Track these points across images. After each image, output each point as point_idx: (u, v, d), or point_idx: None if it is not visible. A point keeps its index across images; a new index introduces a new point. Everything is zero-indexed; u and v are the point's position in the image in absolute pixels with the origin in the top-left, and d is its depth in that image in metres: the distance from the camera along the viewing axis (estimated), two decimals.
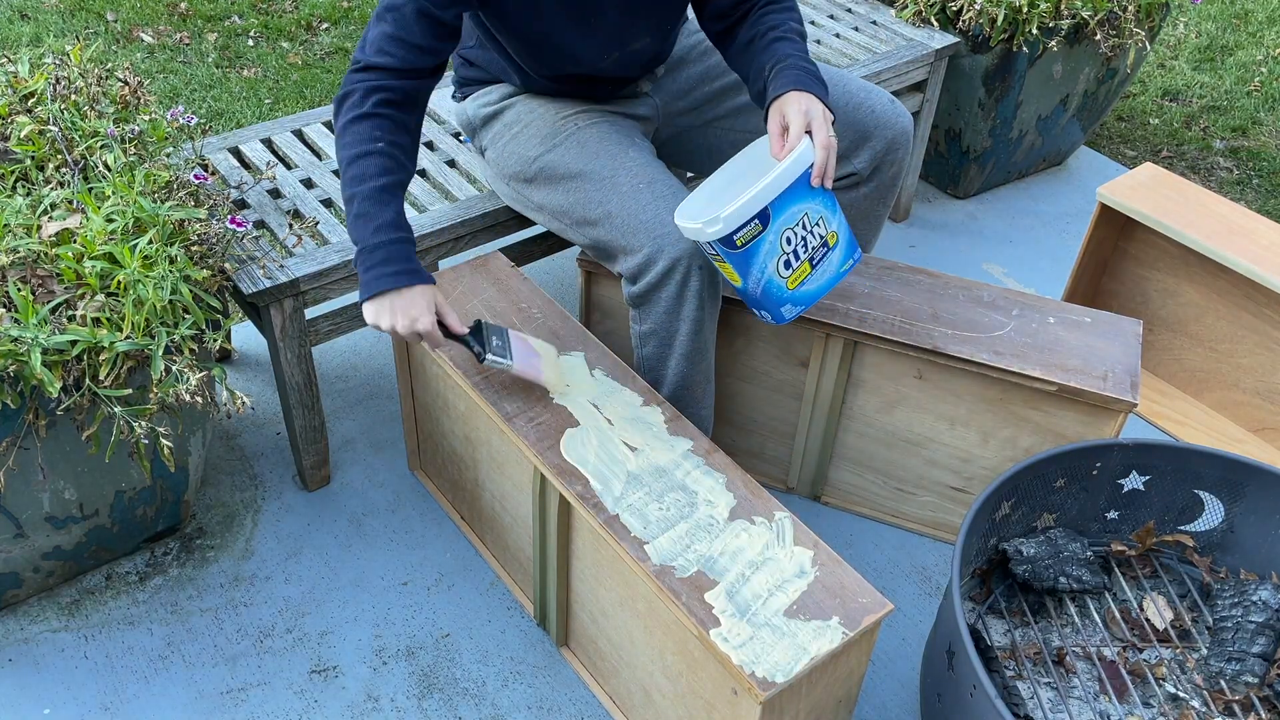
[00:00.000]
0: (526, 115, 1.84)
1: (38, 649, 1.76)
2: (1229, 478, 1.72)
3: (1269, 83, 3.54)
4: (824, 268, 1.60)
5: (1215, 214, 2.18)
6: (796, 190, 1.53)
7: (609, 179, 1.72)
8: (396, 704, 1.72)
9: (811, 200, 1.56)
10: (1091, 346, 1.81)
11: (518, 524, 1.77)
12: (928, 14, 2.60)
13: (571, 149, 1.77)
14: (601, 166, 1.73)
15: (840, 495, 2.06)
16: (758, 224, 1.52)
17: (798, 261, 1.58)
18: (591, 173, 1.74)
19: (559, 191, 1.78)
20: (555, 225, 1.83)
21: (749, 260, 1.55)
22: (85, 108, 1.77)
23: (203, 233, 1.66)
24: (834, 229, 1.59)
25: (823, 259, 1.60)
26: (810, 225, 1.56)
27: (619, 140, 1.77)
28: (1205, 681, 1.64)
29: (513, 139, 1.84)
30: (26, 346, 1.43)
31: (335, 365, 2.32)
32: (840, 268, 1.62)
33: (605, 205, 1.71)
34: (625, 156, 1.74)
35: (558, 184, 1.78)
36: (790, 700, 1.36)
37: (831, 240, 1.60)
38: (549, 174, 1.79)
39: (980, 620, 1.74)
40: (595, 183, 1.73)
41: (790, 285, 1.59)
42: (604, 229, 1.71)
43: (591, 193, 1.73)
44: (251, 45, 3.40)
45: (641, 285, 1.68)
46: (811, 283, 1.60)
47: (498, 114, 1.88)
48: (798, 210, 1.54)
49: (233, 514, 1.99)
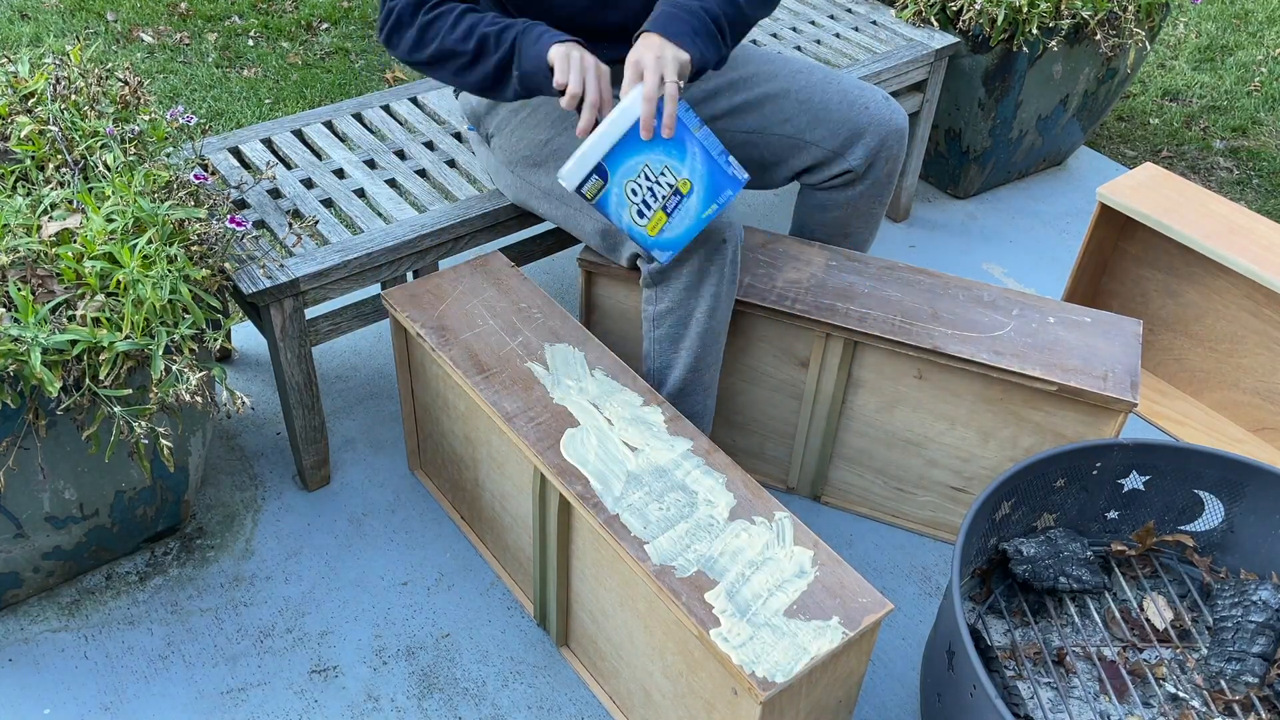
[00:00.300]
0: (534, 100, 1.84)
1: (38, 649, 1.76)
2: (1229, 478, 1.72)
3: (1269, 83, 3.54)
4: (682, 214, 1.61)
5: (1215, 214, 2.18)
6: (629, 143, 1.54)
7: None
8: (396, 704, 1.72)
9: (650, 151, 1.56)
10: (1091, 346, 1.81)
11: (518, 524, 1.77)
12: (928, 14, 2.60)
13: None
14: None
15: (840, 495, 2.06)
16: (598, 179, 1.55)
17: (650, 211, 1.60)
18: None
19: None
20: (563, 212, 1.82)
21: (605, 210, 1.59)
22: (85, 108, 1.77)
23: (203, 233, 1.66)
24: (685, 176, 1.59)
25: (678, 206, 1.61)
26: (655, 176, 1.58)
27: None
28: (1205, 681, 1.64)
29: (521, 123, 1.84)
30: (26, 346, 1.43)
31: (335, 365, 2.32)
32: (701, 213, 1.63)
33: None
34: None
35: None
36: (790, 700, 1.36)
37: (684, 188, 1.60)
38: (560, 156, 1.79)
39: (980, 620, 1.74)
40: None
41: (651, 232, 1.62)
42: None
43: None
44: (251, 45, 3.40)
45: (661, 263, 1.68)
46: (672, 230, 1.62)
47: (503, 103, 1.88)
48: (635, 163, 1.56)
49: (233, 514, 1.99)
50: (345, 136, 2.15)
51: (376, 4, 3.68)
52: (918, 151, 2.69)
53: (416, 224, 1.89)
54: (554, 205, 1.83)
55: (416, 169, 2.08)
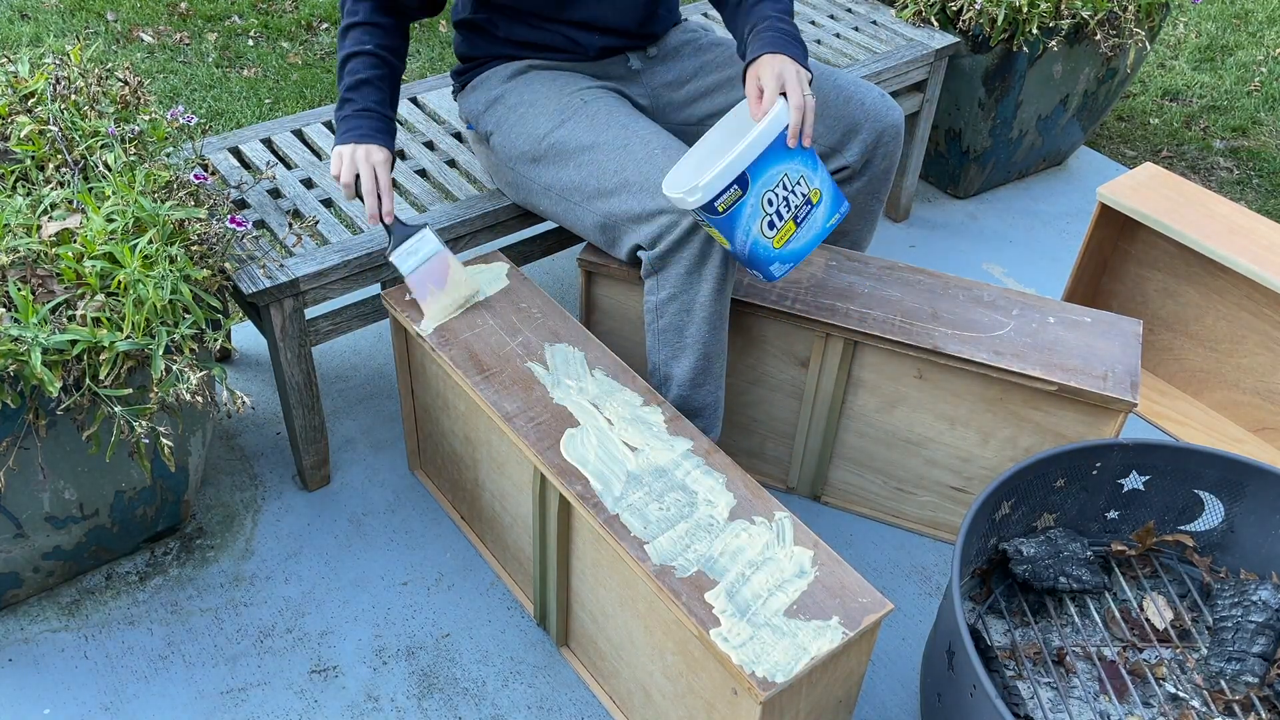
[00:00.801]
0: (531, 95, 1.85)
1: (38, 649, 1.76)
2: (1229, 478, 1.72)
3: (1269, 83, 3.54)
4: (809, 225, 1.63)
5: (1215, 214, 2.18)
6: (774, 152, 1.56)
7: (622, 147, 1.73)
8: (396, 704, 1.72)
9: (790, 160, 1.58)
10: (1091, 346, 1.81)
11: (518, 524, 1.77)
12: (928, 14, 2.60)
13: (582, 122, 1.79)
14: (614, 136, 1.75)
15: (840, 495, 2.06)
16: (737, 189, 1.54)
17: (781, 221, 1.60)
18: (604, 143, 1.75)
19: (570, 167, 1.79)
20: (562, 207, 1.83)
21: (733, 224, 1.57)
22: (85, 108, 1.77)
23: (203, 233, 1.66)
24: (816, 186, 1.61)
25: (807, 216, 1.62)
26: (791, 185, 1.59)
27: (627, 111, 1.80)
28: (1205, 681, 1.64)
29: (520, 119, 1.85)
30: (26, 346, 1.43)
31: (335, 365, 2.32)
32: (826, 222, 1.64)
33: (622, 173, 1.72)
34: (636, 125, 1.76)
35: (569, 159, 1.79)
36: (790, 700, 1.36)
37: (815, 197, 1.62)
38: (560, 149, 1.80)
39: (980, 620, 1.74)
40: (609, 152, 1.74)
41: (776, 244, 1.61)
42: (621, 198, 1.72)
43: (605, 163, 1.74)
44: (251, 45, 3.40)
45: (663, 246, 1.68)
46: (797, 240, 1.63)
47: (501, 97, 1.89)
48: (776, 172, 1.57)
49: (233, 514, 1.99)
50: None
51: None
52: (918, 151, 2.69)
53: (416, 224, 1.89)
54: (554, 201, 1.83)
55: (416, 169, 2.08)
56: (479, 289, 1.79)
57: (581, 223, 1.80)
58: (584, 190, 1.77)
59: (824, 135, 1.91)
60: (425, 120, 2.20)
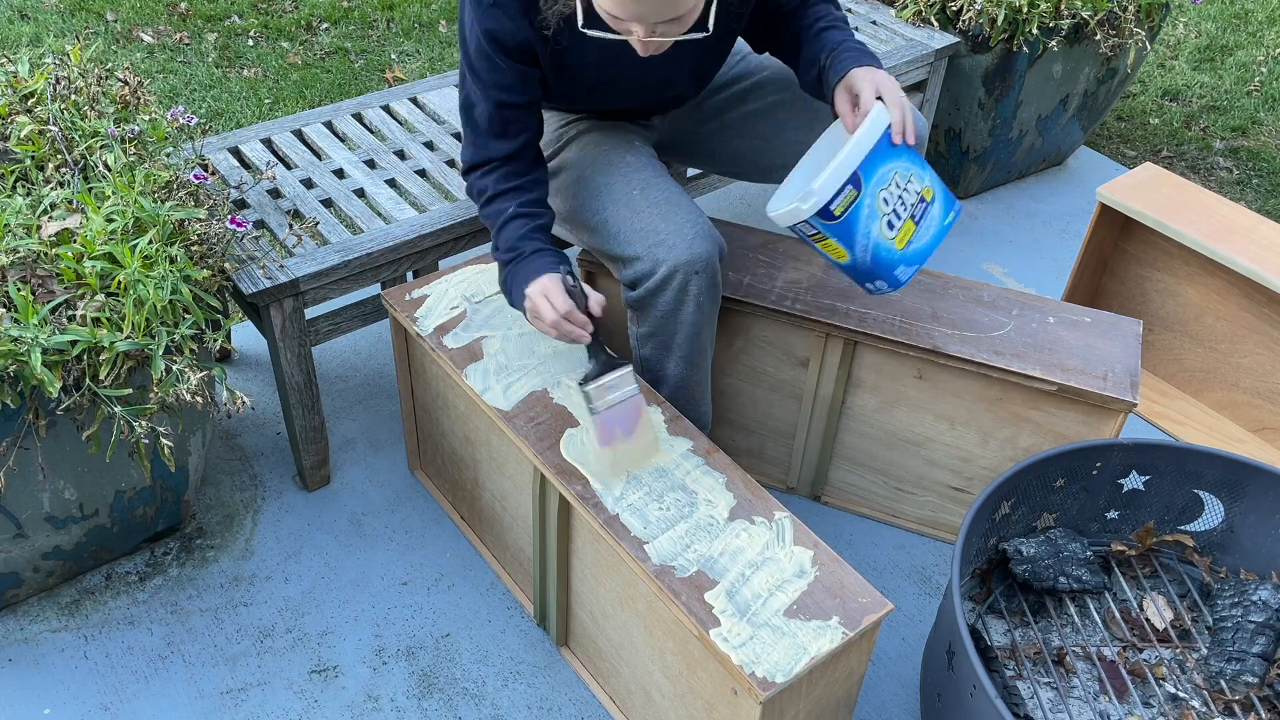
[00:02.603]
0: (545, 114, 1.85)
1: (38, 649, 1.76)
2: (1229, 478, 1.72)
3: (1269, 83, 3.54)
4: (927, 223, 1.58)
5: (1215, 214, 2.18)
6: (881, 151, 1.52)
7: (604, 186, 1.72)
8: (396, 704, 1.72)
9: (899, 158, 1.55)
10: (1091, 346, 1.81)
11: (518, 524, 1.77)
12: (928, 14, 2.60)
13: (571, 154, 1.78)
14: (597, 174, 1.74)
15: (840, 495, 2.06)
16: (852, 189, 1.50)
17: (900, 221, 1.56)
18: (587, 180, 1.74)
19: (559, 198, 1.79)
20: (559, 230, 1.85)
21: (852, 228, 1.53)
22: (85, 108, 1.77)
23: (203, 233, 1.66)
24: (927, 184, 1.58)
25: (924, 214, 1.58)
26: (904, 183, 1.55)
27: (616, 146, 1.77)
28: (1205, 681, 1.64)
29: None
30: (26, 346, 1.43)
31: (335, 365, 2.32)
32: (944, 221, 1.60)
33: (601, 214, 1.71)
34: (622, 162, 1.74)
35: (558, 191, 1.79)
36: (790, 700, 1.36)
37: (928, 195, 1.58)
38: (551, 174, 1.80)
39: (980, 620, 1.74)
40: (591, 190, 1.73)
41: (899, 245, 1.56)
42: (600, 237, 1.72)
43: (588, 200, 1.73)
44: (251, 45, 3.40)
45: (640, 292, 1.68)
46: (919, 240, 1.58)
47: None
48: (888, 170, 1.53)
49: (233, 514, 1.99)
50: (345, 136, 2.15)
51: (375, 4, 3.68)
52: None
53: (416, 224, 1.89)
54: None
55: (416, 169, 2.08)
56: (659, 448, 1.59)
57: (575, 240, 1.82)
58: (572, 220, 1.78)
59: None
60: (425, 120, 2.21)
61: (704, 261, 1.63)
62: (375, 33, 3.54)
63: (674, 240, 1.63)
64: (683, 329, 1.69)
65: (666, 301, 1.67)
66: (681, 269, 1.63)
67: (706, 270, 1.64)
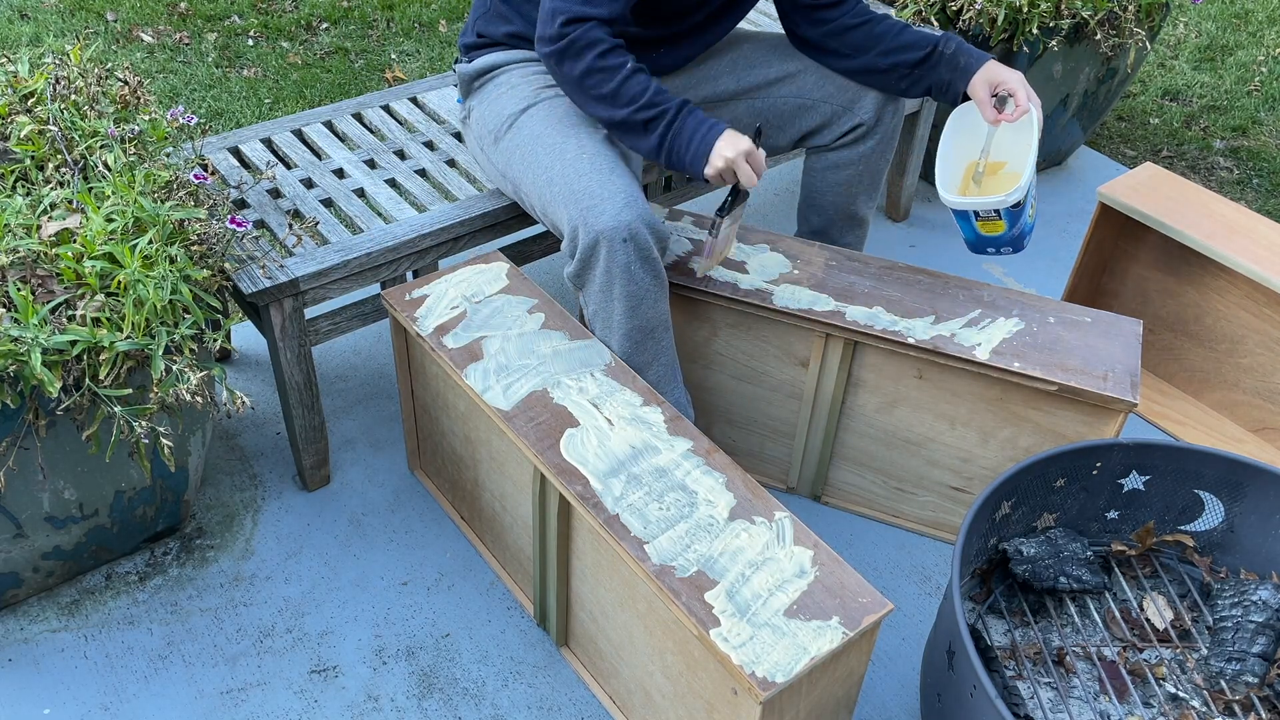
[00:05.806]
0: (517, 79, 1.87)
1: (38, 649, 1.76)
2: (1229, 478, 1.72)
3: (1269, 83, 3.54)
4: (1030, 200, 1.86)
5: (1215, 214, 2.18)
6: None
7: (558, 145, 1.74)
8: (396, 704, 1.72)
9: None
10: (1091, 346, 1.81)
11: (518, 524, 1.77)
12: (928, 14, 2.60)
13: (540, 111, 1.80)
14: (555, 133, 1.76)
15: (840, 495, 2.06)
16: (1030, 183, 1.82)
17: (1030, 199, 1.85)
18: (544, 136, 1.77)
19: (517, 156, 1.80)
20: (520, 199, 1.86)
21: (1022, 211, 1.81)
22: (85, 108, 1.77)
23: (203, 233, 1.66)
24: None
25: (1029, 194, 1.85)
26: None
27: (582, 118, 1.80)
28: (1205, 681, 1.64)
29: (497, 97, 1.87)
30: (26, 346, 1.43)
31: (335, 365, 2.32)
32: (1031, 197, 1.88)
33: (548, 171, 1.73)
34: (581, 129, 1.77)
35: (517, 148, 1.81)
36: (790, 700, 1.36)
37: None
38: (515, 134, 1.81)
39: (980, 620, 1.74)
40: (545, 148, 1.76)
41: (1030, 218, 1.87)
42: (543, 197, 1.74)
43: (541, 157, 1.75)
44: (251, 45, 3.40)
45: (575, 264, 1.69)
46: (1029, 211, 1.86)
47: (493, 75, 1.90)
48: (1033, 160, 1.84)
49: (233, 514, 1.99)
50: (345, 136, 2.15)
51: (375, 4, 3.68)
52: (917, 151, 2.69)
53: (416, 224, 1.89)
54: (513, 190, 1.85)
55: (416, 169, 2.08)
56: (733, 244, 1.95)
57: (533, 211, 1.83)
58: (523, 183, 1.79)
59: (835, 95, 1.98)
60: (425, 120, 2.20)
61: (627, 228, 1.63)
62: (375, 32, 3.54)
63: (604, 207, 1.64)
64: (618, 304, 1.69)
65: (600, 273, 1.67)
66: (606, 236, 1.63)
67: (634, 240, 1.64)
